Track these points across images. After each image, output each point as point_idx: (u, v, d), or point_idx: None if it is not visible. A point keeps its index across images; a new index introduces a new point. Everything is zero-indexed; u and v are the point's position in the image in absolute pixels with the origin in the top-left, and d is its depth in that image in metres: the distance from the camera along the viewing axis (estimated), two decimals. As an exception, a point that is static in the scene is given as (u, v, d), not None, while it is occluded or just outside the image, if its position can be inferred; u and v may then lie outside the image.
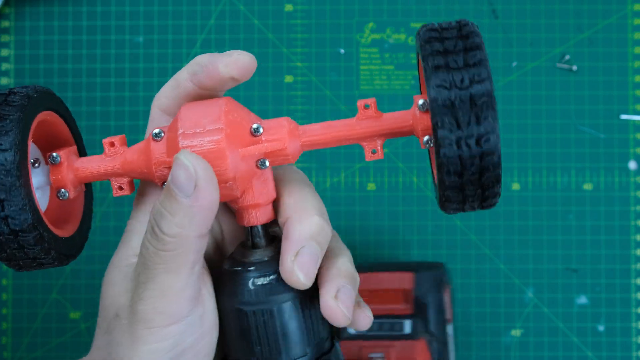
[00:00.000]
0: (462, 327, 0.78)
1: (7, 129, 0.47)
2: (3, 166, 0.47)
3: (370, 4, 0.80)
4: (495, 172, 0.45)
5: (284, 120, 0.49)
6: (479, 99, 0.44)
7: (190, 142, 0.48)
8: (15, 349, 0.78)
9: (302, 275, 0.48)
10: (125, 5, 0.80)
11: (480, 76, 0.44)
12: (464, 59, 0.44)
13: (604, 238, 0.79)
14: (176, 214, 0.47)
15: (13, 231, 0.48)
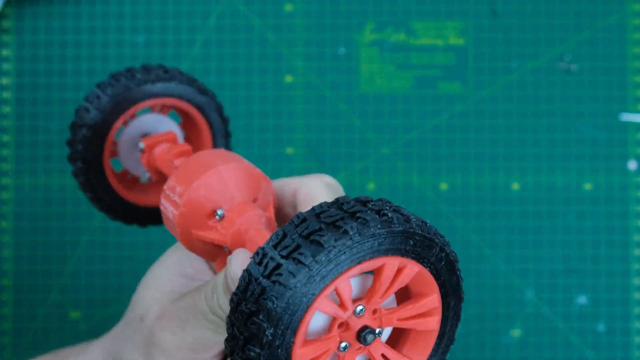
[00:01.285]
0: (462, 327, 0.78)
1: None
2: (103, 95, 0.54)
3: (370, 4, 0.80)
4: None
5: (252, 212, 0.47)
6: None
7: (164, 201, 0.49)
8: (16, 349, 0.78)
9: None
10: (125, 5, 0.80)
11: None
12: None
13: (604, 238, 0.79)
14: (225, 299, 0.47)
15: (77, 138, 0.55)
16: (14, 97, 0.79)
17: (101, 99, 0.54)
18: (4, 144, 0.79)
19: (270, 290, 0.36)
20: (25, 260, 0.79)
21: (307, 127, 0.79)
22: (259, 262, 0.37)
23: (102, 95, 0.54)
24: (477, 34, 0.80)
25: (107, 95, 0.54)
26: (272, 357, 0.37)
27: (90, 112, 0.54)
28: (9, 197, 0.79)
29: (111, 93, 0.54)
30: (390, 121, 0.79)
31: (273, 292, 0.36)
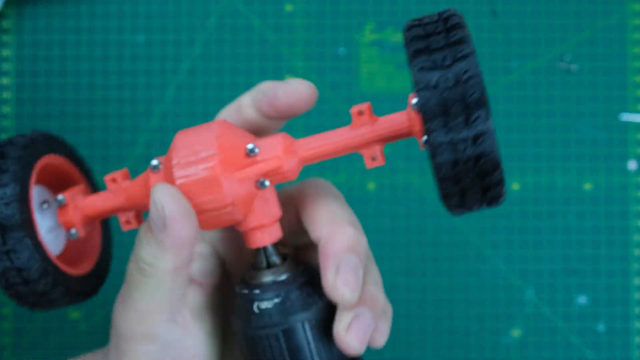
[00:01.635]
0: (462, 328, 0.78)
1: (5, 181, 0.48)
2: (7, 219, 0.47)
3: (370, 4, 0.80)
4: (495, 173, 0.42)
5: (280, 137, 0.48)
6: (464, 75, 0.41)
7: (184, 172, 0.47)
8: (16, 349, 0.78)
9: (347, 291, 0.47)
10: (125, 5, 0.80)
11: (462, 52, 0.41)
12: (445, 39, 0.42)
13: (604, 238, 0.79)
14: (150, 244, 0.47)
15: (25, 280, 0.48)
16: (14, 97, 0.79)
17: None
18: (4, 144, 0.79)
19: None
20: (26, 260, 0.79)
21: (307, 127, 0.79)
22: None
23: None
24: (477, 34, 0.80)
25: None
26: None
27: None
28: (9, 197, 0.79)
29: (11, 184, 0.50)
30: (390, 121, 0.79)
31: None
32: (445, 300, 0.78)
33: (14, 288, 0.48)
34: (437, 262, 0.79)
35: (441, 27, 0.42)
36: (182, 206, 0.46)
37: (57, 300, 0.50)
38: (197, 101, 0.79)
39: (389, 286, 0.78)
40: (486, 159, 0.41)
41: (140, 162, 0.79)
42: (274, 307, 0.48)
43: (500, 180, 0.43)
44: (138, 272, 0.48)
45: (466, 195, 0.43)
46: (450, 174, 0.42)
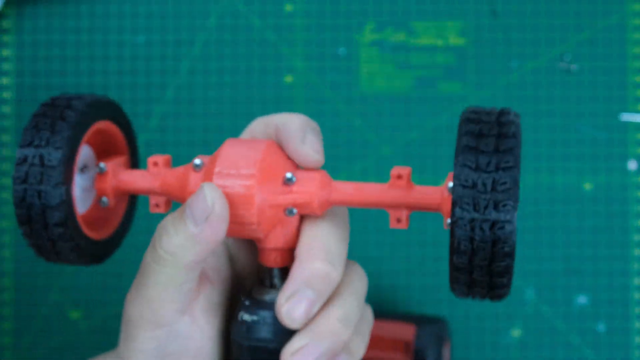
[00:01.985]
0: (462, 327, 0.78)
1: (57, 145, 0.50)
2: (50, 162, 0.50)
3: (370, 4, 0.80)
4: (505, 262, 0.45)
5: (319, 174, 0.51)
6: (501, 186, 0.44)
7: (223, 182, 0.49)
8: (16, 349, 0.78)
9: (289, 318, 0.49)
10: (125, 5, 0.80)
11: (507, 163, 0.44)
12: (495, 144, 0.45)
13: (604, 238, 0.79)
14: (179, 234, 0.49)
15: (46, 224, 0.51)
16: (14, 97, 0.79)
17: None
18: (4, 144, 0.79)
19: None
20: (25, 260, 0.79)
21: (307, 127, 0.79)
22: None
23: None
24: (477, 34, 0.80)
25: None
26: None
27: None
28: (9, 197, 0.79)
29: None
30: (390, 121, 0.79)
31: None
32: (445, 300, 0.78)
33: (28, 208, 0.50)
34: (437, 262, 0.79)
35: (495, 131, 0.45)
36: (226, 209, 0.49)
37: (63, 247, 0.52)
38: (197, 101, 0.79)
39: (389, 286, 0.78)
40: (501, 246, 0.44)
41: (140, 162, 0.79)
42: (252, 322, 0.51)
43: (508, 271, 0.45)
44: (155, 261, 0.50)
45: (473, 275, 0.46)
46: (463, 250, 0.45)
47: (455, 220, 0.44)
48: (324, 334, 0.49)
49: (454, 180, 0.45)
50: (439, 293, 0.78)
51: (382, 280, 0.79)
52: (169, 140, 0.79)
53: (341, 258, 0.50)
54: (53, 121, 0.51)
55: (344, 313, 0.50)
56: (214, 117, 0.79)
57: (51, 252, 0.52)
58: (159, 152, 0.79)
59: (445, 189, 0.49)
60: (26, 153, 0.50)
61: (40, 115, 0.51)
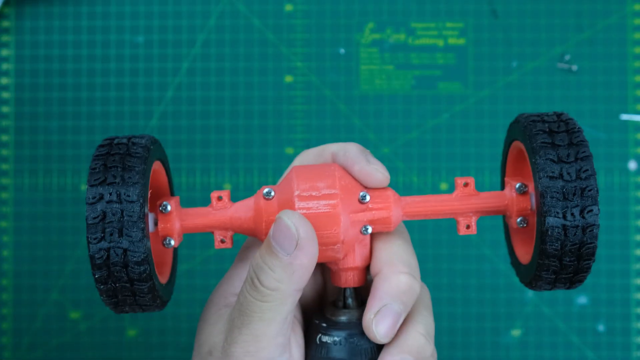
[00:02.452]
0: (462, 327, 0.78)
1: (134, 180, 0.49)
2: (130, 217, 0.48)
3: (370, 4, 0.80)
4: (593, 244, 0.48)
5: (389, 190, 0.52)
6: (584, 173, 0.48)
7: (306, 204, 0.50)
8: (16, 349, 0.78)
9: (380, 332, 0.50)
10: (125, 5, 0.80)
11: (584, 153, 0.49)
12: (568, 139, 0.49)
13: (604, 238, 0.78)
14: (275, 269, 0.49)
15: (130, 279, 0.49)
16: (14, 97, 0.79)
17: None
18: (4, 144, 0.79)
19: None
20: (25, 260, 0.79)
21: (307, 127, 0.79)
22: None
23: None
24: (477, 34, 0.80)
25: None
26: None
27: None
28: (9, 197, 0.79)
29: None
30: (390, 121, 0.79)
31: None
32: (445, 300, 0.78)
33: (111, 268, 0.49)
34: (437, 262, 0.79)
35: (563, 128, 0.49)
36: (311, 230, 0.49)
37: (143, 297, 0.50)
38: (197, 101, 0.79)
39: (389, 286, 0.78)
40: (588, 247, 0.48)
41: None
42: (332, 343, 0.52)
43: (590, 268, 0.49)
44: (259, 299, 0.49)
45: (559, 274, 0.49)
46: (556, 254, 0.48)
47: (548, 210, 0.47)
48: (411, 349, 0.51)
49: (539, 174, 0.48)
50: (439, 293, 0.78)
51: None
52: (168, 140, 0.79)
53: (419, 271, 0.52)
54: (122, 157, 0.50)
55: (425, 328, 0.51)
56: (214, 117, 0.79)
57: (130, 305, 0.51)
58: (159, 152, 0.79)
59: (513, 192, 0.52)
60: (101, 191, 0.48)
61: (104, 154, 0.50)
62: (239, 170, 0.79)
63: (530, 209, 0.52)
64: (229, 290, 0.54)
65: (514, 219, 0.52)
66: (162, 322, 0.78)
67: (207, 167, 0.79)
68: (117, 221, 0.48)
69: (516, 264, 0.54)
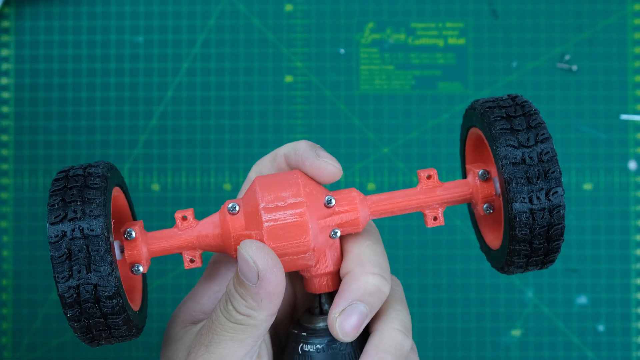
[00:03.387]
0: (462, 327, 0.78)
1: (96, 213, 0.48)
2: (97, 252, 0.47)
3: (370, 4, 0.80)
4: (561, 224, 0.49)
5: (353, 191, 0.52)
6: (545, 156, 0.48)
7: (273, 215, 0.50)
8: (16, 349, 0.78)
9: (343, 331, 0.50)
10: (125, 5, 0.80)
11: (543, 135, 0.48)
12: (526, 122, 0.49)
13: (604, 238, 0.79)
14: (246, 297, 0.49)
15: (104, 314, 0.48)
16: (14, 97, 0.79)
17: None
18: (4, 144, 0.79)
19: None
20: (25, 260, 0.79)
21: (307, 127, 0.79)
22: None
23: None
24: (477, 34, 0.80)
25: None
26: None
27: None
28: (9, 197, 0.79)
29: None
30: (390, 121, 0.79)
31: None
32: (445, 300, 0.78)
33: (83, 305, 0.48)
34: (437, 262, 0.79)
35: (520, 112, 0.50)
36: (271, 258, 0.49)
37: (118, 329, 0.49)
38: (196, 101, 0.79)
39: (389, 286, 0.78)
40: (557, 210, 0.48)
41: (140, 162, 0.79)
42: (315, 351, 0.52)
43: (563, 232, 0.49)
44: (233, 321, 0.50)
45: (533, 245, 0.49)
46: (526, 238, 0.48)
47: (514, 196, 0.48)
48: (389, 348, 0.51)
49: (501, 161, 0.48)
50: (439, 292, 0.78)
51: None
52: (169, 140, 0.79)
53: (389, 271, 0.52)
54: (80, 190, 0.48)
55: (400, 322, 0.52)
56: (214, 117, 0.79)
57: (108, 338, 0.50)
58: (159, 152, 0.79)
59: (476, 179, 0.52)
60: (63, 228, 0.47)
61: (61, 188, 0.49)
62: (239, 170, 0.79)
63: (495, 194, 0.52)
64: (195, 307, 0.54)
65: (480, 206, 0.52)
66: (162, 322, 0.78)
67: (207, 167, 0.79)
68: (84, 257, 0.47)
69: (486, 250, 0.54)
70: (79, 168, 0.50)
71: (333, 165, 0.51)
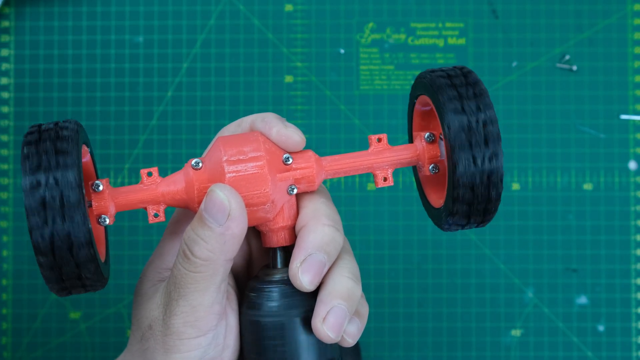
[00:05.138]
0: (462, 327, 0.78)
1: (70, 163, 0.50)
2: (71, 201, 0.49)
3: (370, 4, 0.80)
4: (499, 188, 0.52)
5: (310, 152, 0.55)
6: (489, 123, 0.52)
7: (235, 167, 0.52)
8: (15, 349, 0.78)
9: (305, 280, 0.53)
10: (125, 5, 0.80)
11: (486, 104, 0.52)
12: (472, 90, 0.53)
13: (604, 238, 0.79)
14: (208, 240, 0.51)
15: (76, 262, 0.50)
16: (14, 97, 0.79)
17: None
18: (4, 144, 0.79)
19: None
20: (25, 260, 0.79)
21: (307, 127, 0.79)
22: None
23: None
24: (477, 34, 0.80)
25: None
26: None
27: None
28: (9, 197, 0.79)
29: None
30: (390, 121, 0.79)
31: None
32: (445, 300, 0.78)
33: (55, 253, 0.49)
34: (437, 262, 0.79)
35: (465, 81, 0.53)
36: (241, 201, 0.51)
37: (89, 278, 0.51)
38: (197, 101, 0.79)
39: (389, 286, 0.78)
40: (497, 173, 0.52)
41: (140, 162, 0.79)
42: (274, 300, 0.54)
43: (500, 195, 0.53)
44: (192, 270, 0.52)
45: (473, 206, 0.53)
46: (467, 198, 0.52)
47: (458, 160, 0.51)
48: (342, 293, 0.53)
49: (450, 127, 0.51)
50: (439, 292, 0.78)
51: (382, 280, 0.79)
52: (169, 140, 0.79)
53: (341, 224, 0.54)
54: (53, 142, 0.50)
55: (350, 270, 0.54)
56: (214, 117, 0.79)
57: (74, 279, 0.51)
58: (159, 152, 0.79)
59: (422, 142, 0.55)
60: (38, 178, 0.49)
61: (35, 141, 0.50)
62: (239, 170, 0.79)
63: (440, 156, 0.55)
64: (162, 265, 0.56)
65: (426, 167, 0.55)
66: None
67: (207, 167, 0.79)
68: (59, 207, 0.49)
69: (429, 208, 0.57)
70: (50, 123, 0.52)
71: (299, 135, 0.54)
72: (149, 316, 0.54)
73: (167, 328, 0.53)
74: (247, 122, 0.56)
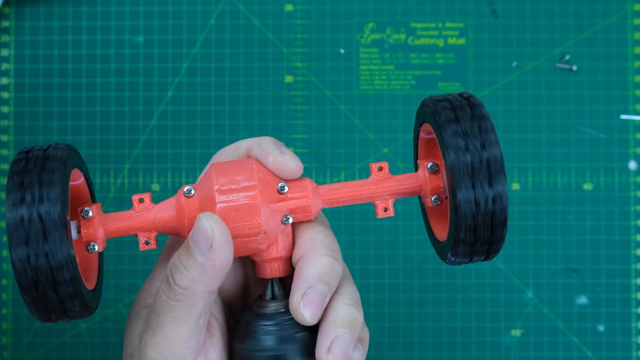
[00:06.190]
0: (462, 327, 0.78)
1: (54, 182, 0.49)
2: (52, 220, 0.48)
3: (370, 4, 0.80)
4: (503, 230, 0.50)
5: (307, 180, 0.53)
6: (493, 163, 0.50)
7: (226, 197, 0.51)
8: (15, 349, 0.78)
9: (307, 314, 0.52)
10: (125, 5, 0.80)
11: (491, 141, 0.50)
12: (471, 114, 0.50)
13: (604, 238, 0.79)
14: (189, 268, 0.50)
15: (54, 283, 0.49)
16: (14, 97, 0.79)
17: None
18: (4, 144, 0.79)
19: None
20: (25, 260, 0.79)
21: (307, 127, 0.79)
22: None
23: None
24: (477, 34, 0.80)
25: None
26: None
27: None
28: (9, 197, 0.79)
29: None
30: (390, 121, 0.79)
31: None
32: (445, 300, 0.78)
33: (39, 289, 0.49)
34: (437, 262, 0.79)
35: (466, 104, 0.51)
36: (227, 234, 0.50)
37: (71, 305, 0.50)
38: (196, 101, 0.79)
39: (389, 286, 0.78)
40: (500, 217, 0.50)
41: (140, 162, 0.79)
42: (270, 334, 0.53)
43: (504, 237, 0.51)
44: (171, 298, 0.51)
45: (475, 247, 0.51)
46: (469, 226, 0.50)
47: (457, 184, 0.49)
48: (344, 322, 0.52)
49: (447, 150, 0.50)
50: (439, 292, 0.78)
51: (382, 280, 0.79)
52: (169, 140, 0.79)
53: (340, 253, 0.53)
54: (39, 174, 0.49)
55: (350, 297, 0.53)
56: (214, 117, 0.79)
57: (58, 313, 0.51)
58: (159, 152, 0.79)
59: (425, 172, 0.53)
60: (21, 213, 0.48)
61: (21, 171, 0.50)
62: (239, 170, 0.79)
63: (443, 187, 0.53)
64: (151, 290, 0.55)
65: (428, 198, 0.53)
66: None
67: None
68: (41, 243, 0.48)
69: (435, 242, 0.55)
70: (39, 150, 0.51)
71: (295, 163, 0.53)
72: (131, 344, 0.53)
73: (142, 357, 0.52)
74: (243, 148, 0.54)
